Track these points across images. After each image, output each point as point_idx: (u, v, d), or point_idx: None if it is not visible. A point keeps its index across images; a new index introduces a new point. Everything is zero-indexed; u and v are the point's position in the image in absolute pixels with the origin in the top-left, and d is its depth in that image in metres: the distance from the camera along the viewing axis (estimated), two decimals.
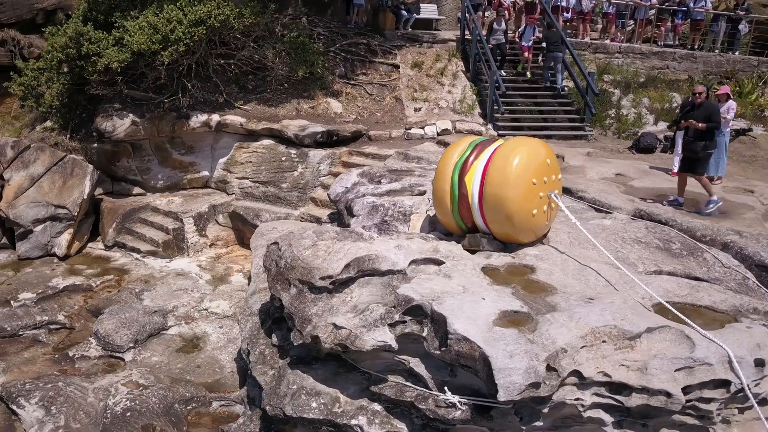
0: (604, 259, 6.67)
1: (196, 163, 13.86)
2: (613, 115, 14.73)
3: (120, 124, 12.75)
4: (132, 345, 9.18)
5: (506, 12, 16.85)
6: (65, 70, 13.18)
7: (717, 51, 17.08)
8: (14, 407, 7.92)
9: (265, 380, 6.87)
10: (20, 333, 9.72)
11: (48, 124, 13.84)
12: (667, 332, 5.24)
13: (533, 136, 13.52)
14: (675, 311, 5.47)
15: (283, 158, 12.81)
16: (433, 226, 7.95)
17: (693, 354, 4.95)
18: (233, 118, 13.22)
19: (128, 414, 7.34)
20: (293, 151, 12.78)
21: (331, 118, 13.83)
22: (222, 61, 13.81)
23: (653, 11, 17.39)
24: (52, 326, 9.94)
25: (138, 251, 12.19)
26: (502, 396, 4.76)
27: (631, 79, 15.87)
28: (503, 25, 15.44)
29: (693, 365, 4.92)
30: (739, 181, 10.94)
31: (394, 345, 5.67)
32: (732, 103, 10.26)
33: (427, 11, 19.98)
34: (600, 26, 18.51)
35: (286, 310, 6.74)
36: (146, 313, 9.85)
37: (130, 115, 12.88)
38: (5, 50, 14.10)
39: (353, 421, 5.83)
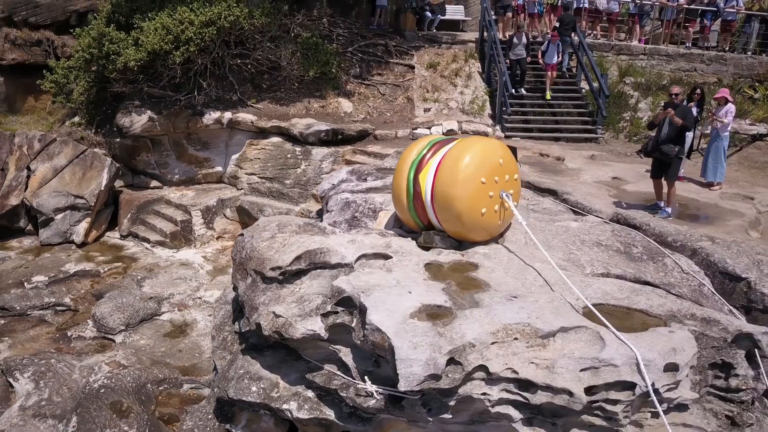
0: (553, 260, 6.67)
1: (211, 159, 14.44)
2: (628, 118, 14.42)
3: (137, 120, 13.43)
4: (123, 328, 9.72)
5: (531, 20, 16.76)
6: (93, 68, 13.96)
7: (749, 53, 16.39)
8: (11, 380, 8.54)
9: (222, 365, 7.19)
10: (29, 313, 10.43)
11: (76, 119, 14.70)
12: (582, 333, 5.24)
13: (542, 138, 13.58)
14: (596, 312, 5.44)
15: (289, 155, 13.20)
16: (399, 222, 8.08)
17: (599, 355, 4.94)
18: (245, 116, 13.71)
19: (102, 391, 7.81)
20: (298, 149, 13.15)
21: (339, 117, 14.12)
22: (238, 61, 14.33)
23: (681, 12, 16.83)
24: (58, 308, 10.62)
25: (148, 241, 12.82)
26: (402, 386, 4.90)
27: (653, 81, 15.47)
28: (524, 40, 14.97)
29: (598, 366, 4.91)
30: (743, 187, 10.57)
31: (323, 334, 5.87)
32: (731, 107, 9.92)
33: (454, 12, 20.05)
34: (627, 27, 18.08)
35: (239, 299, 7.07)
36: (142, 299, 10.40)
37: (148, 111, 13.54)
38: (41, 50, 15.06)
39: (284, 406, 6.08)
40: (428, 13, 19.09)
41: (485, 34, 16.46)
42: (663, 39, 17.01)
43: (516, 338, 5.20)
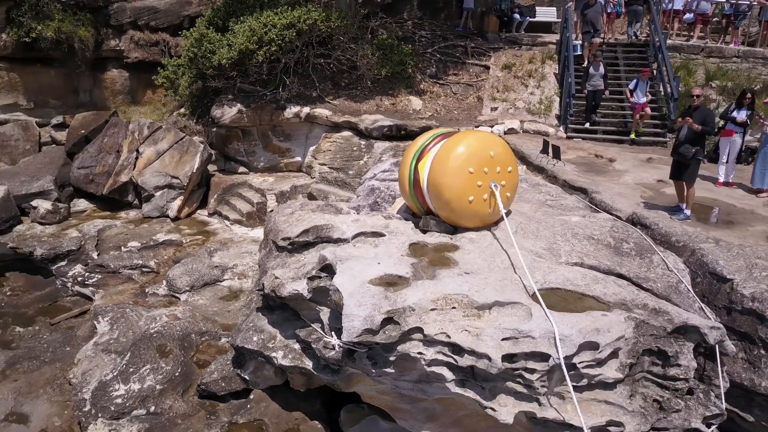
0: (531, 247, 7.10)
1: (292, 150, 15.85)
2: None
3: (228, 112, 15.11)
4: (188, 289, 11.24)
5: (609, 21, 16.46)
6: (198, 66, 15.88)
7: None
8: (95, 322, 10.32)
9: (241, 320, 8.36)
10: (120, 271, 12.31)
11: (182, 110, 16.75)
12: (517, 308, 5.71)
13: (606, 140, 13.55)
14: (536, 291, 5.87)
15: (354, 148, 14.24)
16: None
17: (520, 326, 5.41)
18: (321, 111, 14.94)
19: (154, 335, 9.26)
20: (363, 142, 14.16)
21: (407, 114, 14.94)
22: (321, 60, 15.62)
23: None
24: (144, 269, 12.41)
25: (228, 219, 14.44)
26: (344, 337, 5.68)
27: (741, 85, 14.70)
28: (601, 70, 14.07)
29: (518, 336, 5.38)
30: None
31: (306, 294, 6.79)
32: None
33: (545, 14, 20.09)
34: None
35: (258, 264, 8.16)
36: (209, 266, 11.88)
37: (238, 104, 15.18)
38: (158, 49, 17.33)
39: (273, 354, 7.09)
40: (516, 16, 19.36)
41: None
42: (761, 41, 16.04)
43: (454, 307, 5.79)
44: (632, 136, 13.99)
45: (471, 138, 7.45)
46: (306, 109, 15.03)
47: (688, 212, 8.58)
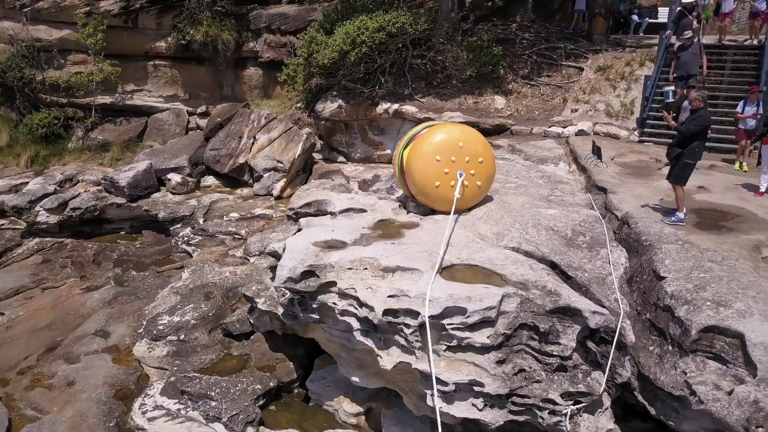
0: (484, 231, 7.77)
1: (384, 143, 17.27)
2: None
3: (328, 107, 16.97)
4: (257, 254, 13.16)
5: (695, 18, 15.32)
6: (310, 65, 17.96)
7: None
8: (182, 273, 12.70)
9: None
10: (216, 235, 14.71)
11: (298, 104, 18.98)
12: (416, 274, 6.56)
13: None
14: (438, 264, 6.64)
15: None
16: None
17: (401, 287, 6.28)
18: (408, 108, 16.15)
19: (209, 284, 11.30)
20: None
21: (488, 113, 15.55)
22: (418, 61, 16.82)
23: None
24: (235, 236, 14.67)
25: None
26: (275, 283, 6.99)
27: None
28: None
29: (399, 295, 6.25)
30: None
31: (281, 252, 8.16)
32: None
33: (666, 16, 19.16)
34: None
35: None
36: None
37: (339, 100, 16.96)
38: (285, 50, 19.75)
39: (257, 299, 8.61)
40: (634, 17, 18.81)
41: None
42: None
43: (366, 268, 6.80)
44: (736, 166, 11.65)
45: (444, 129, 8.29)
46: (395, 106, 16.33)
47: (680, 215, 8.44)
